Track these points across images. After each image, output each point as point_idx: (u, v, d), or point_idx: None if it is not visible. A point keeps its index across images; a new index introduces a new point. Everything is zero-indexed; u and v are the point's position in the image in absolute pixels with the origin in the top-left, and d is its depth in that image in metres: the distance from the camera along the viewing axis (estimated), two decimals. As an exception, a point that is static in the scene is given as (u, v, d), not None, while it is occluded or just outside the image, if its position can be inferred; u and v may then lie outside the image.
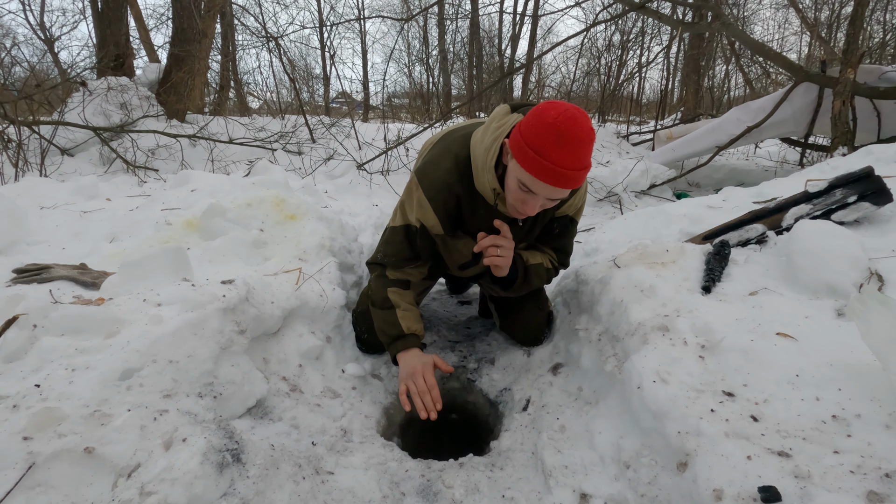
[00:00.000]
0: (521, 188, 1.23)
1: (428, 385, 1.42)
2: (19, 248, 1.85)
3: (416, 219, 1.47)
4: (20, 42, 8.87)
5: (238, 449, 1.00)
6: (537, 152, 1.14)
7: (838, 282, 1.32)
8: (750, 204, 2.18)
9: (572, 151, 1.14)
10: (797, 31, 13.42)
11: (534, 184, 1.19)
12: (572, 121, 1.12)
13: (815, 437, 0.89)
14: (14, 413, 0.90)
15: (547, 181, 1.17)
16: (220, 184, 2.47)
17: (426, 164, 1.45)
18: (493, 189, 1.35)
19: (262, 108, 10.32)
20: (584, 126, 1.14)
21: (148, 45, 8.04)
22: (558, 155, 1.13)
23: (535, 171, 1.16)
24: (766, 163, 6.05)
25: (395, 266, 1.56)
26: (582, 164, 1.17)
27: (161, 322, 1.17)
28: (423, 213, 1.45)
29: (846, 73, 3.87)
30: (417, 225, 1.47)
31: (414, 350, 1.51)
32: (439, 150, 1.47)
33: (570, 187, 1.19)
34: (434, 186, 1.42)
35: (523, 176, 1.20)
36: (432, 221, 1.46)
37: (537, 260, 1.58)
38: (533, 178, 1.18)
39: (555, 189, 1.19)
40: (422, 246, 1.52)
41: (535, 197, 1.23)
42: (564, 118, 1.12)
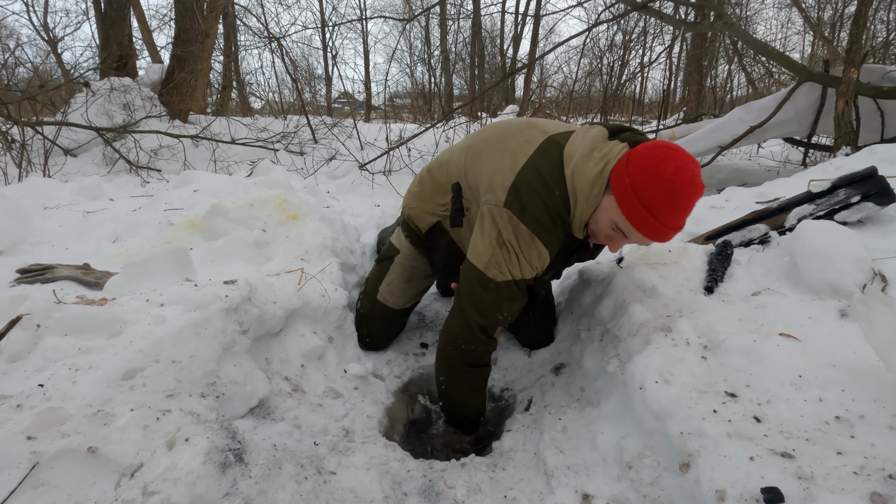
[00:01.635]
0: (615, 229, 1.18)
1: None
2: (23, 249, 1.86)
3: (535, 267, 1.28)
4: (24, 43, 8.91)
5: (240, 449, 1.01)
6: (646, 207, 1.09)
7: (841, 282, 1.32)
8: (753, 204, 2.18)
9: (682, 212, 1.10)
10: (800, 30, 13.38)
11: (630, 232, 1.15)
12: (689, 181, 1.06)
13: (819, 438, 0.89)
14: (18, 413, 0.91)
15: (648, 236, 1.14)
16: (223, 184, 2.48)
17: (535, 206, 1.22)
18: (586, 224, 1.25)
19: (264, 109, 10.34)
20: (698, 184, 1.08)
21: (151, 46, 8.05)
22: (668, 216, 1.09)
23: (638, 225, 1.12)
24: (769, 163, 6.03)
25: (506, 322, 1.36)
26: (684, 221, 1.14)
27: (164, 322, 1.18)
28: (542, 257, 1.27)
29: (849, 72, 3.86)
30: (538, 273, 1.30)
31: None
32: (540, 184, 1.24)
33: (665, 241, 1.17)
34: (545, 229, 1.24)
35: (622, 222, 1.15)
36: (546, 264, 1.31)
37: None
38: (632, 228, 1.14)
39: (650, 241, 1.17)
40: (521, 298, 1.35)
41: (625, 239, 1.21)
42: (682, 177, 1.06)
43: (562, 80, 11.93)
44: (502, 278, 1.25)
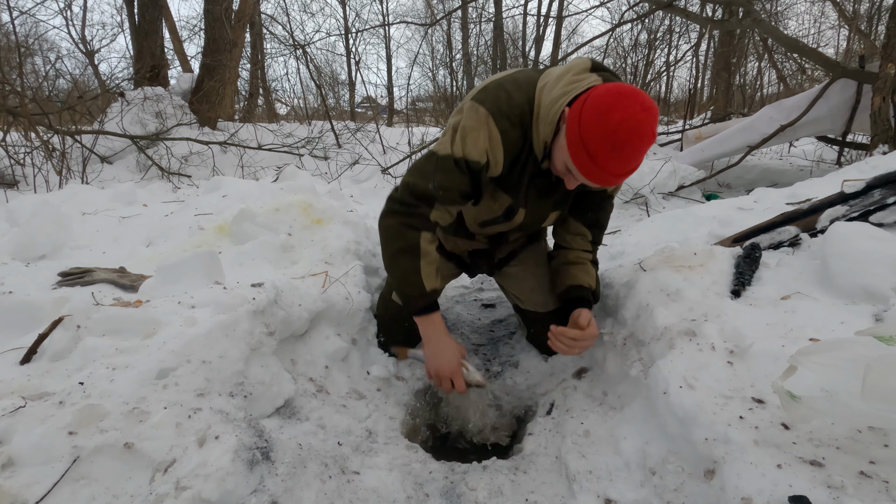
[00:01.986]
0: (567, 168, 1.20)
1: (457, 390, 1.41)
2: (63, 253, 1.95)
3: (483, 154, 1.26)
4: (63, 55, 9.32)
5: (267, 447, 1.04)
6: (590, 154, 1.10)
7: (876, 286, 1.27)
8: (783, 205, 2.12)
9: (626, 162, 1.10)
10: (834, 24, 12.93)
11: (578, 175, 1.18)
12: (634, 132, 1.06)
13: (850, 447, 0.87)
14: (60, 409, 0.96)
15: (594, 181, 1.16)
16: (250, 189, 2.55)
17: (498, 95, 1.25)
18: (545, 143, 1.26)
19: (289, 115, 10.56)
20: (645, 135, 1.07)
21: (181, 56, 8.32)
22: (612, 165, 1.10)
23: (584, 171, 1.15)
24: (802, 162, 5.85)
25: (447, 201, 1.32)
26: (632, 168, 1.14)
27: (195, 324, 1.22)
28: (494, 146, 1.26)
29: (886, 68, 3.71)
30: (475, 161, 1.27)
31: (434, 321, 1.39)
32: (510, 82, 1.28)
33: (613, 185, 1.20)
34: (508, 122, 1.24)
35: (570, 163, 1.17)
36: (498, 159, 1.28)
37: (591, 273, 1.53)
38: (580, 174, 1.16)
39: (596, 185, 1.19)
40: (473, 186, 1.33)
41: (575, 180, 1.23)
42: (626, 128, 1.05)
43: (585, 81, 11.80)
44: (444, 152, 1.29)
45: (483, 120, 1.24)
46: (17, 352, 1.16)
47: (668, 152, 6.10)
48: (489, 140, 1.25)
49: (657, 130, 1.12)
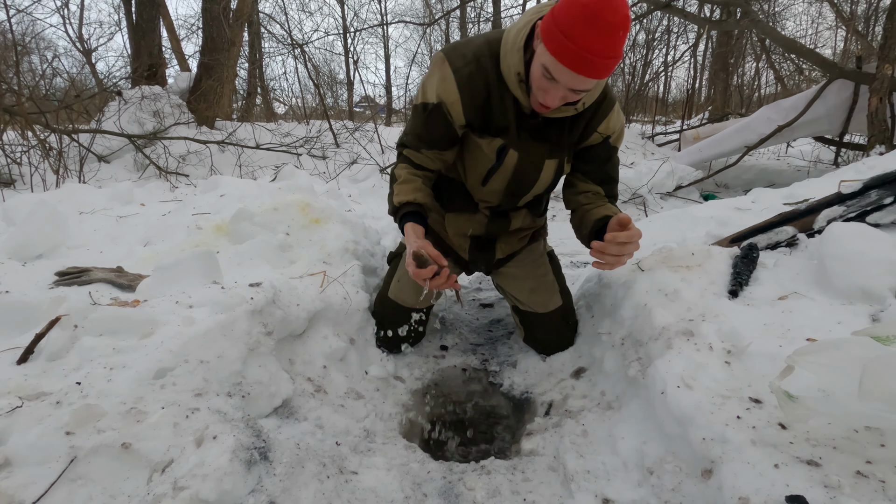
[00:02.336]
0: (545, 75, 1.15)
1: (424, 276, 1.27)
2: (60, 252, 1.95)
3: (437, 95, 1.32)
4: (60, 54, 9.29)
5: (265, 447, 1.03)
6: (565, 34, 1.07)
7: (873, 287, 1.28)
8: (780, 206, 2.13)
9: (601, 36, 1.05)
10: (831, 25, 12.96)
11: (557, 69, 1.12)
12: (607, 2, 1.03)
13: (847, 447, 0.87)
14: (57, 409, 0.95)
15: (570, 66, 1.09)
16: (248, 189, 2.54)
17: (456, 42, 1.33)
18: (518, 73, 1.25)
19: (287, 114, 10.54)
20: (620, 10, 1.04)
21: (179, 55, 8.30)
22: (586, 39, 1.05)
23: (559, 55, 1.09)
24: (799, 162, 5.87)
25: (413, 146, 1.44)
26: (611, 53, 1.08)
27: (193, 323, 1.22)
28: (446, 87, 1.31)
29: (883, 68, 3.73)
30: (435, 101, 1.33)
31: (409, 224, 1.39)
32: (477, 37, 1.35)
33: (594, 76, 1.11)
34: (462, 59, 1.29)
35: (547, 60, 1.12)
36: (453, 98, 1.32)
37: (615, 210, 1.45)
38: (556, 63, 1.10)
39: (577, 77, 1.11)
40: (435, 129, 1.38)
41: (556, 86, 1.16)
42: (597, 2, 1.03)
43: (583, 81, 11.81)
44: (416, 103, 1.42)
45: (438, 63, 1.32)
46: (14, 351, 1.15)
47: (665, 152, 6.11)
48: (442, 80, 1.32)
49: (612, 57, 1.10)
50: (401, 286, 1.72)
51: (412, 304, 1.71)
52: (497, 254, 1.73)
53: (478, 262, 1.76)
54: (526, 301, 1.71)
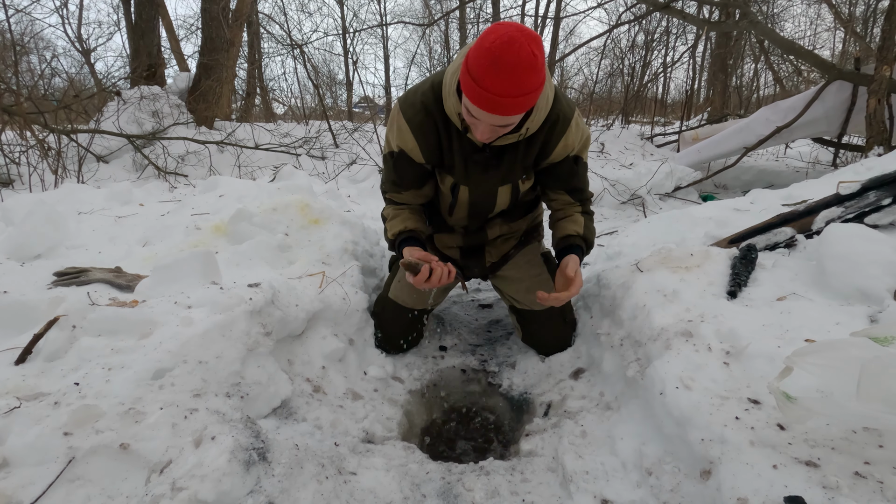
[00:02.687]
0: (469, 114, 1.22)
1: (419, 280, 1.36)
2: (59, 252, 1.94)
3: (397, 144, 1.46)
4: (59, 54, 9.27)
5: (264, 448, 1.03)
6: (475, 80, 1.12)
7: (871, 287, 1.28)
8: (779, 206, 2.13)
9: (505, 78, 1.09)
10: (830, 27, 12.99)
11: (475, 111, 1.17)
12: (507, 46, 1.07)
13: (845, 448, 0.87)
14: (56, 410, 0.95)
15: (483, 108, 1.14)
16: (247, 189, 2.54)
17: (406, 91, 1.47)
18: (458, 114, 1.33)
19: (286, 114, 10.54)
20: (522, 51, 1.07)
21: (178, 55, 8.29)
22: (492, 82, 1.10)
23: (472, 99, 1.15)
24: (797, 164, 5.88)
25: (393, 190, 1.58)
26: (519, 91, 1.11)
27: (191, 324, 1.22)
28: (402, 137, 1.44)
29: (881, 70, 3.74)
30: (396, 150, 1.47)
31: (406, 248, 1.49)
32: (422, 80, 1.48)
33: (507, 114, 1.15)
34: (412, 108, 1.40)
35: (467, 102, 1.19)
36: (411, 145, 1.44)
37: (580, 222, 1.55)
38: (473, 105, 1.16)
39: (493, 116, 1.16)
40: (405, 173, 1.51)
41: (480, 122, 1.21)
42: (500, 43, 1.07)
43: (582, 82, 11.84)
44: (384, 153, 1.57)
45: (395, 115, 1.46)
46: (12, 352, 1.15)
47: (664, 153, 6.12)
48: (399, 131, 1.44)
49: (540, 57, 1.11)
50: (401, 287, 1.72)
51: (412, 305, 1.72)
52: (487, 258, 1.77)
53: (471, 267, 1.81)
54: (522, 300, 1.72)
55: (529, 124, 1.32)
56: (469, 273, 1.83)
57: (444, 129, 1.42)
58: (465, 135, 1.39)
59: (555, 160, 1.48)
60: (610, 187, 4.66)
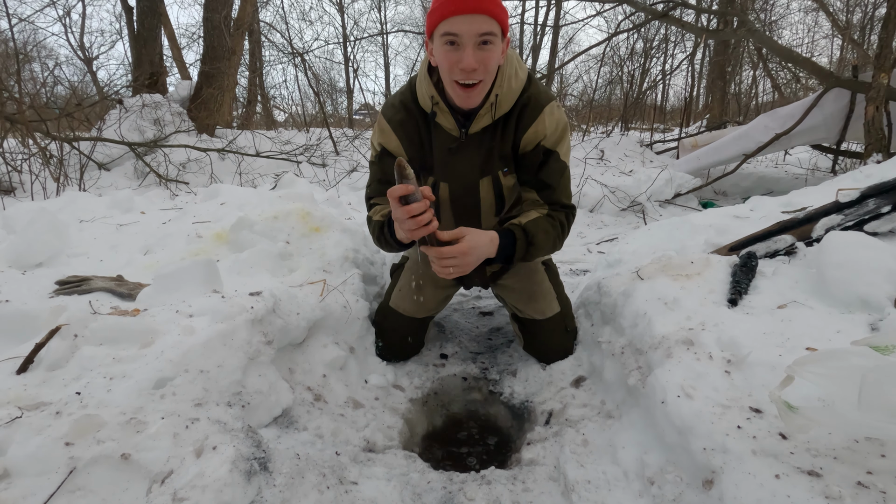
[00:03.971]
0: (449, 42, 1.24)
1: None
2: (61, 260, 1.95)
3: (379, 144, 1.50)
4: (62, 62, 9.35)
5: (265, 457, 1.03)
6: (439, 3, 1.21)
7: (872, 295, 1.28)
8: (778, 214, 2.13)
9: None
10: (828, 34, 13.08)
11: (451, 24, 1.21)
12: None
13: (848, 457, 0.87)
14: (57, 419, 0.95)
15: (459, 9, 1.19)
16: (248, 197, 2.55)
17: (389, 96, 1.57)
18: (431, 97, 1.39)
19: (287, 121, 10.58)
20: None
21: (180, 63, 8.35)
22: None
23: (444, 7, 1.20)
24: (797, 170, 5.90)
25: (378, 192, 1.56)
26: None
27: (193, 333, 1.22)
28: (385, 136, 1.48)
29: (879, 77, 3.76)
30: (380, 149, 1.51)
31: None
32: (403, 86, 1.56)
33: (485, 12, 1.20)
34: (392, 108, 1.48)
35: (442, 29, 1.23)
36: (394, 144, 1.48)
37: (532, 216, 1.43)
38: (449, 21, 1.21)
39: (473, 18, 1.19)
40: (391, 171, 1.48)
41: (463, 45, 1.23)
42: None
43: (581, 89, 11.90)
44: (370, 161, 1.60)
45: (378, 119, 1.52)
46: (14, 361, 1.15)
47: (664, 160, 6.14)
48: (382, 132, 1.49)
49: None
50: (402, 295, 1.73)
51: (413, 313, 1.72)
52: (488, 268, 1.76)
53: (472, 276, 1.78)
54: (524, 309, 1.72)
55: (499, 90, 1.36)
56: (470, 282, 1.83)
57: (422, 124, 1.47)
58: (440, 127, 1.43)
59: (526, 148, 1.45)
60: (610, 194, 4.67)
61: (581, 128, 8.52)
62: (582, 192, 4.75)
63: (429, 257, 1.28)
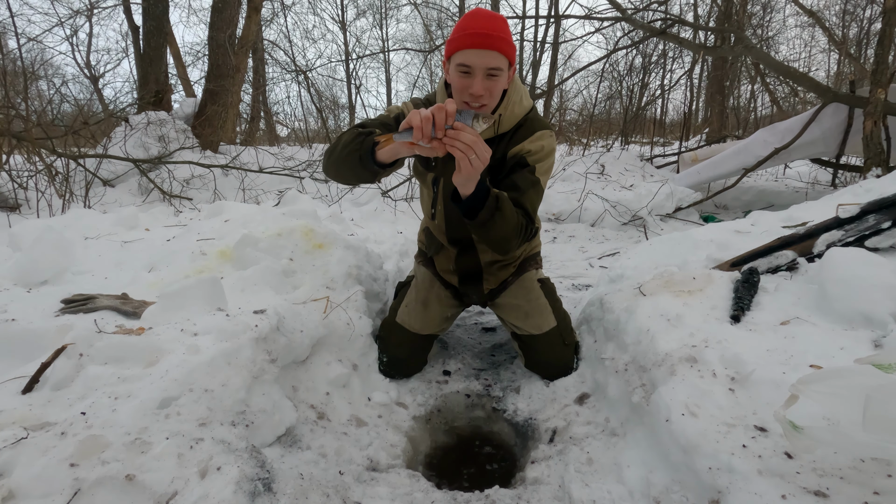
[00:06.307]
0: (461, 71, 1.36)
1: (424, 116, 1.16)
2: (66, 278, 1.96)
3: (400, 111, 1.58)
4: (68, 80, 9.49)
5: (269, 478, 1.03)
6: (460, 30, 1.35)
7: (874, 312, 1.28)
8: (779, 229, 2.14)
9: (486, 22, 1.34)
10: (824, 49, 13.22)
11: (467, 57, 1.34)
12: (478, 9, 1.37)
13: (854, 477, 0.87)
14: (62, 440, 0.95)
15: (473, 45, 1.32)
16: (252, 214, 2.57)
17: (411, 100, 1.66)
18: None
19: (290, 137, 10.68)
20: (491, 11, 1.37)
21: (185, 81, 8.47)
22: (476, 24, 1.33)
23: (461, 42, 1.34)
24: (797, 184, 5.92)
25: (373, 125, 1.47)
26: (499, 29, 1.34)
27: (198, 351, 1.22)
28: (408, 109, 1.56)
29: (876, 93, 3.80)
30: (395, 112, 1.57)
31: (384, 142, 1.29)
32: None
33: (496, 49, 1.33)
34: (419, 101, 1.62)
35: (457, 58, 1.36)
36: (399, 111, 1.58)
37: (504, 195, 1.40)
38: (465, 52, 1.34)
39: (484, 53, 1.32)
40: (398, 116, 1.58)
41: (474, 74, 1.35)
42: (474, 9, 1.39)
43: (581, 104, 12.00)
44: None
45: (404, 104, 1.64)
46: (20, 381, 1.16)
47: (664, 174, 6.17)
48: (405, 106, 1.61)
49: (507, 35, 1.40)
50: (408, 311, 1.75)
51: (418, 329, 1.73)
52: (485, 285, 1.81)
53: (470, 293, 1.85)
54: (522, 325, 1.74)
55: (504, 111, 1.50)
56: (468, 300, 1.86)
57: None
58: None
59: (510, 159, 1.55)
60: (611, 208, 4.69)
61: (581, 142, 8.58)
62: (583, 206, 4.77)
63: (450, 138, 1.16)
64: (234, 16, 6.59)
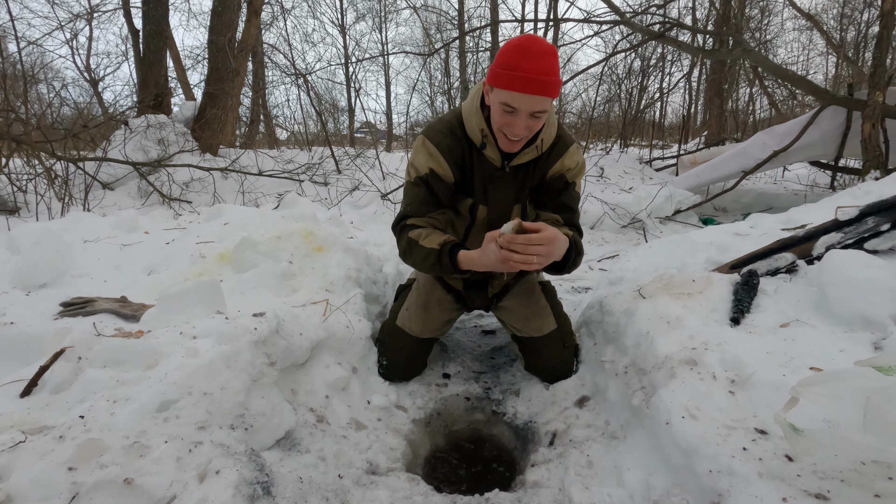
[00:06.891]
0: (505, 109, 1.32)
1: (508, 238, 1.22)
2: (65, 281, 1.96)
3: (428, 167, 1.52)
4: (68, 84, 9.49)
5: (268, 482, 1.03)
6: (510, 69, 1.26)
7: (874, 314, 1.29)
8: (778, 231, 2.15)
9: (538, 61, 1.25)
10: (823, 51, 13.27)
11: (514, 99, 1.28)
12: (532, 39, 1.27)
13: (855, 480, 0.86)
14: (60, 444, 0.95)
15: (523, 90, 1.26)
16: (252, 217, 2.56)
17: (430, 124, 1.59)
18: (481, 129, 1.46)
19: (289, 140, 10.69)
20: (544, 43, 1.27)
21: (184, 84, 8.48)
22: (528, 65, 1.25)
23: (511, 84, 1.27)
24: (796, 186, 5.93)
25: (419, 213, 1.55)
26: (551, 73, 1.26)
27: (197, 354, 1.22)
28: (434, 160, 1.51)
29: (874, 95, 3.81)
30: (428, 172, 1.53)
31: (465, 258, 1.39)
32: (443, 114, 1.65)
33: (546, 94, 1.28)
34: (440, 134, 1.52)
35: (502, 96, 1.30)
36: (444, 168, 1.52)
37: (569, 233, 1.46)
38: (512, 94, 1.28)
39: (533, 98, 1.27)
40: (438, 191, 1.54)
41: (517, 114, 1.31)
42: (525, 38, 1.27)
43: (581, 107, 12.02)
44: (406, 179, 1.61)
45: (420, 143, 1.54)
46: (18, 384, 1.15)
47: (663, 177, 6.18)
48: (429, 155, 1.52)
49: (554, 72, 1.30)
50: (409, 314, 1.74)
51: (419, 333, 1.73)
52: (490, 290, 1.80)
53: (474, 298, 1.83)
54: (523, 328, 1.73)
55: (544, 135, 1.47)
56: (472, 304, 1.85)
57: (467, 151, 1.53)
58: (484, 156, 1.51)
59: (551, 177, 1.57)
60: (610, 211, 4.70)
61: (581, 145, 8.59)
62: (582, 209, 4.77)
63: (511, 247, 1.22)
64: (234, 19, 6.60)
